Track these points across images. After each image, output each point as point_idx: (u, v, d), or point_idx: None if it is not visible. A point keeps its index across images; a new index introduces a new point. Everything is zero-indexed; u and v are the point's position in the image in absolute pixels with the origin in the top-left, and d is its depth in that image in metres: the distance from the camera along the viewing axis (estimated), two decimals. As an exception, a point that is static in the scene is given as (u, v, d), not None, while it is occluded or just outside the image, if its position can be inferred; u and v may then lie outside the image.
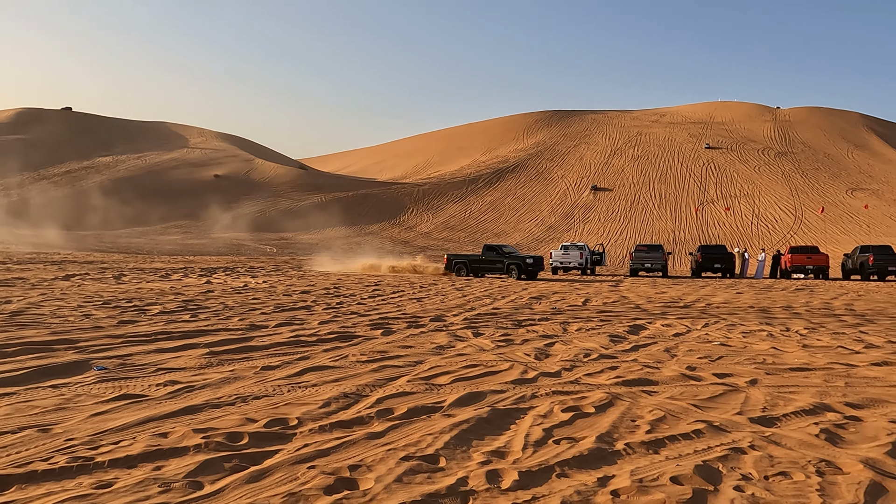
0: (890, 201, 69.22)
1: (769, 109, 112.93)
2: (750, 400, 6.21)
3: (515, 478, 3.98)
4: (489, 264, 27.95)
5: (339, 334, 9.81)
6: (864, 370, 7.93)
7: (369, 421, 5.18)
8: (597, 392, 6.30)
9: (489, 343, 9.36)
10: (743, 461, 4.41)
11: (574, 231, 67.00)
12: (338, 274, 27.06)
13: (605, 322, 12.40)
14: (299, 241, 56.31)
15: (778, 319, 13.57)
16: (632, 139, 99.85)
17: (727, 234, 61.99)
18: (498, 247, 29.86)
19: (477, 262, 28.34)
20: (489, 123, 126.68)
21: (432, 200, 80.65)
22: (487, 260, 28.07)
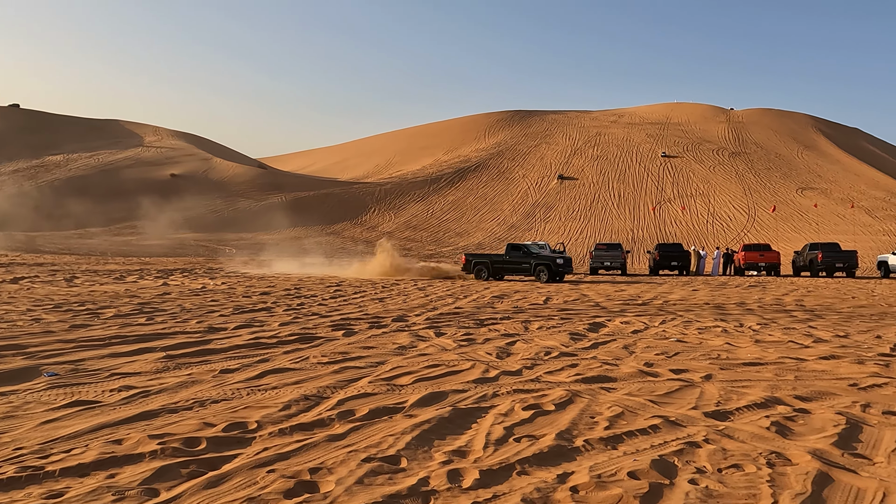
0: (837, 200, 71.73)
1: (723, 111, 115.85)
2: (705, 395, 6.37)
3: (476, 476, 4.01)
4: (514, 265, 25.72)
5: (300, 336, 9.71)
6: (812, 364, 8.21)
7: (330, 423, 5.15)
8: (557, 390, 6.38)
9: (451, 343, 9.39)
10: (697, 455, 4.52)
11: (535, 230, 67.63)
12: (300, 276, 26.34)
13: (565, 320, 12.56)
14: (260, 242, 55.50)
15: (732, 316, 13.94)
16: (591, 139, 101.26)
17: (684, 233, 63.38)
18: (524, 246, 27.62)
19: (500, 263, 25.96)
20: (450, 123, 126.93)
21: (394, 200, 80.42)
22: (512, 261, 25.80)
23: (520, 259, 25.65)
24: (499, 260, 26.11)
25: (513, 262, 25.72)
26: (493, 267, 25.82)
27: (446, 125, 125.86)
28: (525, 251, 26.37)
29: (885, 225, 61.96)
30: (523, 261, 25.49)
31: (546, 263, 25.07)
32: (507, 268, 25.82)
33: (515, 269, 25.74)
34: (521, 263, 25.51)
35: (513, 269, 25.77)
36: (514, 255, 26.00)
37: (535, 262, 25.20)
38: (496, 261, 26.10)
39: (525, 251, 26.37)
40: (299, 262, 32.66)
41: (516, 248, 26.82)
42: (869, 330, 11.81)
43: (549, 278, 24.70)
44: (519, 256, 25.81)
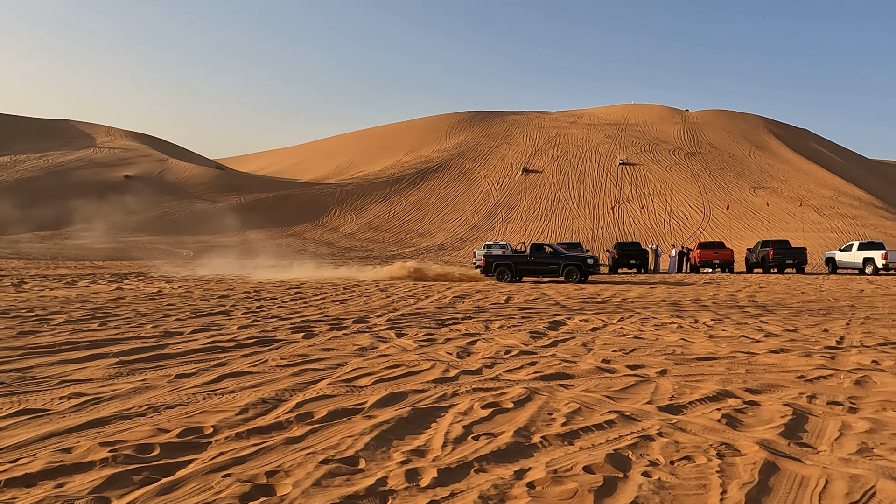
0: (788, 199, 74.02)
1: (679, 112, 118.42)
2: (659, 389, 6.51)
3: (434, 475, 4.02)
4: (540, 266, 24.35)
5: (259, 339, 9.59)
6: (763, 357, 8.46)
7: (288, 426, 5.10)
8: (516, 388, 6.44)
9: (412, 343, 9.39)
10: (651, 448, 4.63)
11: (497, 230, 68.05)
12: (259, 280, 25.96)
13: (526, 319, 12.68)
14: (218, 244, 54.53)
15: (687, 312, 14.26)
16: (551, 140, 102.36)
17: (642, 232, 64.59)
18: (549, 245, 26.08)
19: (524, 264, 24.54)
20: (412, 124, 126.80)
21: (356, 201, 79.98)
22: (538, 261, 24.42)
23: (547, 260, 24.39)
24: (523, 261, 24.70)
25: (539, 263, 24.43)
26: (517, 268, 24.49)
27: (407, 126, 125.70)
28: (553, 251, 25.07)
29: (832, 222, 64.19)
30: (551, 261, 24.27)
31: (577, 264, 24.07)
32: (534, 269, 24.53)
33: (542, 271, 24.45)
34: (548, 264, 24.25)
35: (540, 269, 24.45)
36: (539, 255, 24.69)
37: (565, 262, 24.14)
38: (520, 262, 24.69)
39: (553, 251, 25.07)
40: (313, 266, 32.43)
41: (541, 248, 25.28)
42: (817, 324, 12.23)
43: (578, 279, 23.82)
44: (546, 257, 24.52)
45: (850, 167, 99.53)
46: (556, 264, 24.05)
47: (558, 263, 24.02)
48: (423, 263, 29.31)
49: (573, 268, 23.86)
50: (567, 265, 23.92)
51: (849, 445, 4.73)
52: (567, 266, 23.89)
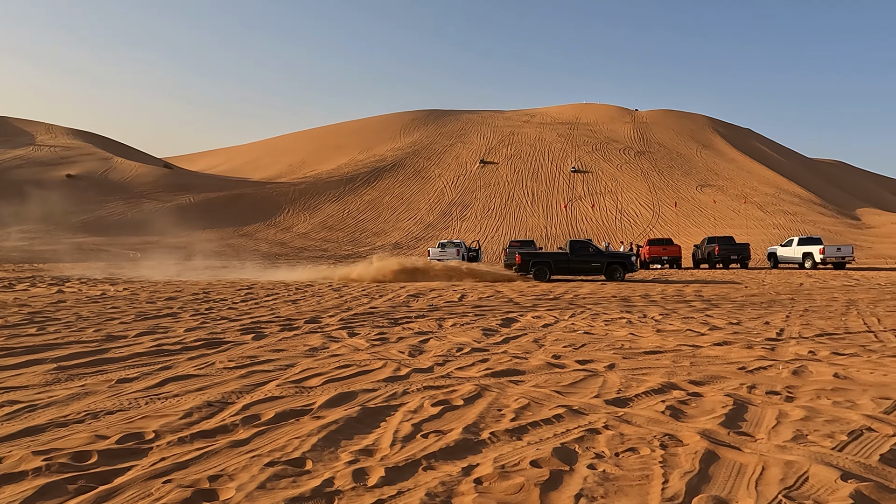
0: (733, 196, 76.37)
1: (628, 111, 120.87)
2: (607, 383, 6.63)
3: (382, 474, 4.00)
4: (581, 264, 23.47)
5: (207, 341, 9.37)
6: (707, 350, 8.70)
7: (234, 429, 5.00)
8: (466, 385, 6.46)
9: (364, 343, 9.33)
10: (597, 441, 4.70)
11: (452, 229, 68.22)
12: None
13: (479, 316, 12.73)
14: (166, 245, 53.12)
15: (637, 307, 14.57)
16: (505, 139, 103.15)
17: (594, 229, 65.70)
18: (590, 243, 24.72)
19: (564, 262, 23.58)
20: (365, 122, 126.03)
21: (309, 200, 79.04)
22: (579, 259, 23.48)
23: (588, 258, 23.56)
24: (562, 258, 23.78)
25: (579, 261, 23.57)
26: (557, 266, 23.63)
27: (361, 124, 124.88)
28: (595, 249, 24.14)
29: (774, 219, 66.53)
30: (593, 259, 23.52)
31: (621, 262, 23.56)
32: (574, 267, 23.69)
33: (583, 269, 23.67)
34: (589, 262, 23.48)
35: (581, 268, 23.66)
36: (580, 253, 23.72)
37: (609, 260, 23.54)
38: (560, 260, 23.78)
39: (595, 249, 24.14)
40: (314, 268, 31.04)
41: (583, 246, 24.16)
42: (759, 317, 12.65)
43: (621, 277, 23.29)
44: (587, 255, 23.65)
45: (791, 166, 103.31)
46: (599, 262, 23.46)
47: (601, 262, 23.46)
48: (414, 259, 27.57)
49: (617, 266, 23.37)
50: (611, 263, 23.40)
51: (785, 433, 4.90)
52: (611, 264, 23.39)
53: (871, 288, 20.49)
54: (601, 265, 23.35)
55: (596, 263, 23.38)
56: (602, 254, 23.94)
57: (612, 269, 23.31)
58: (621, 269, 23.38)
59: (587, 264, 23.47)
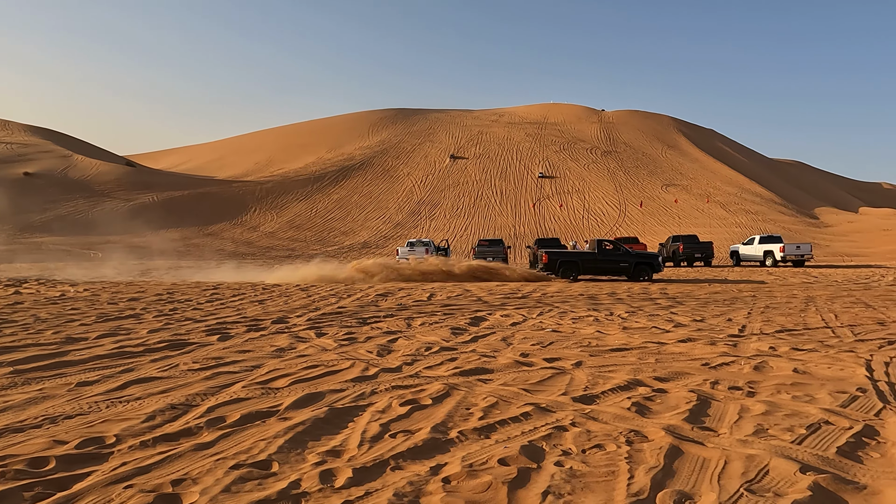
0: (697, 195, 77.80)
1: (595, 112, 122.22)
2: (574, 381, 6.69)
3: (349, 475, 3.97)
4: (609, 264, 23.14)
5: (171, 342, 9.20)
6: (672, 347, 8.85)
7: (198, 431, 4.91)
8: (435, 384, 6.46)
9: (332, 343, 9.26)
10: (564, 438, 4.74)
11: (421, 228, 68.15)
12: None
13: (448, 315, 12.74)
14: (129, 245, 51.99)
15: (604, 305, 14.74)
16: (473, 138, 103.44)
17: (562, 228, 66.28)
18: (618, 243, 24.52)
19: (592, 262, 23.22)
20: (333, 120, 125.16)
21: (276, 199, 78.17)
22: (607, 259, 23.14)
23: (617, 258, 23.25)
24: (590, 258, 23.36)
25: (608, 261, 23.23)
26: (584, 265, 23.30)
27: (328, 122, 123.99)
28: (623, 250, 23.77)
29: (737, 218, 67.96)
30: (621, 259, 23.18)
31: (649, 262, 23.29)
32: (602, 266, 23.36)
33: (611, 269, 23.36)
34: (618, 262, 23.14)
35: (609, 268, 23.34)
36: (607, 253, 23.41)
37: (636, 260, 23.17)
38: (587, 259, 23.40)
39: (623, 250, 23.77)
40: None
41: (613, 246, 23.89)
42: (722, 314, 12.91)
43: (648, 278, 23.08)
44: (616, 255, 23.35)
45: (752, 166, 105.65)
46: (627, 262, 23.10)
47: (629, 262, 23.10)
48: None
49: (645, 266, 23.10)
50: (639, 263, 23.10)
51: (746, 427, 5.01)
52: (639, 264, 23.08)
53: (828, 285, 21.08)
54: (629, 265, 23.04)
55: (624, 264, 23.09)
56: (630, 254, 23.57)
57: (640, 269, 22.99)
58: (649, 270, 23.12)
59: (615, 264, 23.18)
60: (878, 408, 5.60)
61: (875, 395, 6.06)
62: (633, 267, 22.94)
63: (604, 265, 23.28)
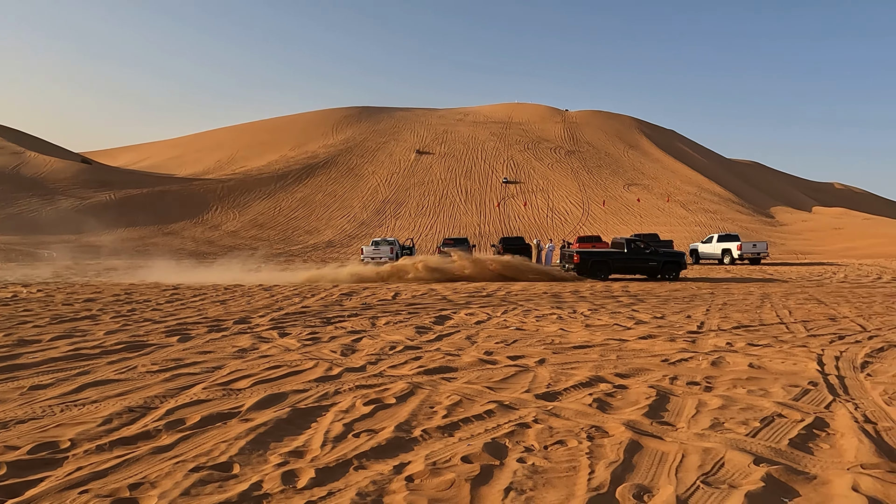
0: (658, 195, 79.22)
1: (559, 112, 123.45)
2: (537, 378, 6.76)
3: (312, 475, 3.95)
4: (639, 262, 23.08)
5: (129, 344, 8.99)
6: (633, 343, 9.00)
7: (156, 434, 4.82)
8: (399, 383, 6.45)
9: (295, 343, 9.17)
10: (527, 435, 4.79)
11: (386, 226, 67.91)
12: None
13: (412, 314, 12.73)
14: (86, 244, 50.62)
15: (567, 303, 14.91)
16: (438, 137, 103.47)
17: (526, 227, 66.76)
18: (645, 241, 24.33)
19: (622, 261, 23.12)
20: (297, 118, 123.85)
21: (238, 197, 76.99)
22: (636, 258, 23.07)
23: (646, 257, 23.24)
24: (620, 258, 23.28)
25: (636, 260, 23.21)
26: (614, 265, 23.21)
27: (291, 120, 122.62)
28: (651, 249, 23.85)
29: (696, 217, 69.42)
30: (650, 258, 23.21)
31: (676, 261, 23.39)
32: (631, 266, 23.34)
33: (640, 268, 23.32)
34: (647, 261, 23.16)
35: (637, 267, 23.30)
36: (637, 252, 23.42)
37: (664, 259, 23.30)
38: (617, 258, 23.29)
39: (651, 249, 23.85)
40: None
41: (641, 245, 23.90)
42: (681, 311, 13.18)
43: (676, 276, 23.21)
44: (645, 254, 23.36)
45: (711, 166, 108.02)
46: (656, 261, 23.20)
47: (658, 260, 23.21)
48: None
49: (672, 264, 23.25)
50: (667, 262, 23.25)
51: (703, 421, 5.13)
52: (667, 263, 23.24)
53: (783, 282, 21.70)
54: (658, 264, 23.18)
55: (653, 262, 23.20)
56: (657, 253, 23.63)
57: (669, 267, 23.16)
58: (676, 268, 23.29)
59: (645, 263, 23.23)
60: (828, 400, 5.80)
61: (825, 388, 6.27)
62: (662, 265, 23.13)
63: (634, 264, 23.28)
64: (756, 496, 3.67)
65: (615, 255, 23.35)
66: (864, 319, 11.56)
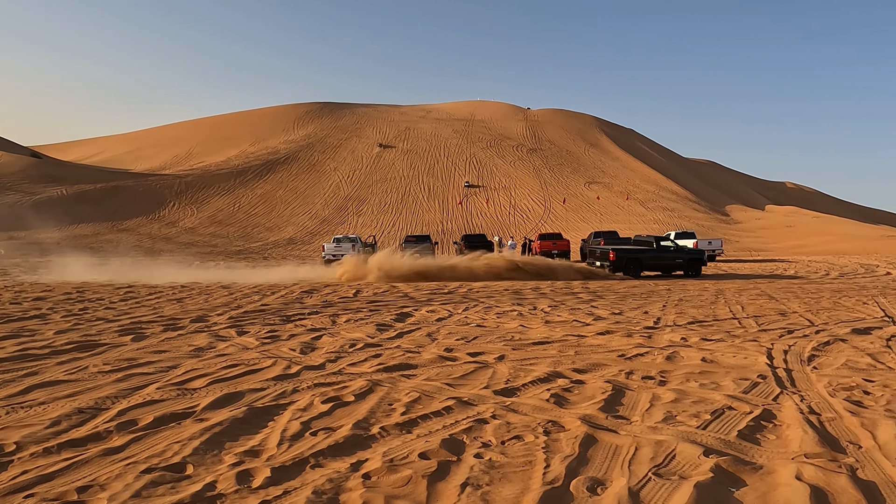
0: (617, 193, 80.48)
1: (521, 110, 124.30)
2: (497, 374, 6.81)
3: (268, 475, 3.91)
4: (668, 260, 23.82)
5: (80, 344, 8.75)
6: (591, 339, 9.14)
7: (107, 436, 4.71)
8: (358, 380, 6.43)
9: (254, 341, 9.05)
10: (485, 430, 4.83)
11: (348, 224, 67.44)
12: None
13: (374, 312, 12.69)
14: (37, 241, 48.99)
15: (528, 300, 15.04)
16: (401, 133, 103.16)
17: (489, 224, 67.09)
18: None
19: (654, 259, 23.79)
20: (256, 113, 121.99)
21: (197, 193, 75.48)
22: (665, 256, 23.79)
23: (673, 255, 24.05)
24: (651, 255, 23.96)
25: (665, 258, 23.95)
26: (646, 262, 23.82)
27: (251, 115, 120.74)
28: (677, 246, 24.64)
29: (654, 214, 70.75)
30: (677, 256, 24.01)
31: (699, 258, 24.31)
32: (661, 263, 23.99)
33: (669, 265, 24.05)
34: (675, 259, 23.95)
35: (666, 264, 24.03)
36: (663, 250, 24.22)
37: (689, 257, 24.13)
38: (648, 256, 23.93)
39: (677, 246, 24.64)
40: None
41: (669, 243, 24.78)
42: (639, 307, 13.43)
43: (697, 273, 24.03)
44: (671, 252, 24.16)
45: (669, 165, 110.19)
46: (682, 259, 24.01)
47: (683, 258, 24.03)
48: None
49: (696, 261, 24.10)
50: (691, 259, 24.11)
51: (657, 415, 5.25)
52: (691, 260, 24.07)
53: (736, 278, 22.29)
54: (683, 261, 24.02)
55: (679, 260, 24.02)
56: (682, 250, 24.55)
57: (693, 264, 24.00)
58: (699, 265, 24.17)
59: (672, 260, 24.03)
60: (776, 393, 5.99)
61: (774, 381, 6.47)
62: (686, 262, 24.02)
63: (663, 261, 24.02)
64: (704, 486, 3.77)
65: (647, 252, 24.16)
66: (813, 314, 11.96)
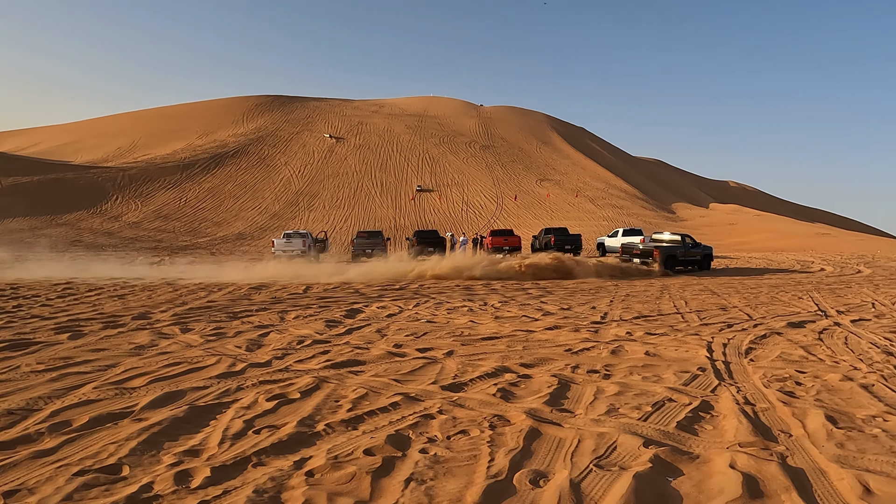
0: (568, 190, 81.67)
1: (474, 106, 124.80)
2: (445, 370, 6.83)
3: (207, 474, 3.83)
4: (692, 256, 25.62)
5: (12, 342, 8.38)
6: (539, 334, 9.25)
7: (38, 438, 4.52)
8: (305, 377, 6.35)
9: (198, 338, 8.84)
10: (431, 426, 4.84)
11: (300, 219, 66.52)
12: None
13: (323, 308, 12.55)
14: (-34, 236, 46.65)
15: (479, 295, 15.13)
16: (353, 128, 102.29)
17: (442, 220, 67.18)
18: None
19: (684, 255, 25.52)
20: (204, 105, 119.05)
21: (141, 187, 73.19)
22: (691, 251, 25.61)
23: (695, 251, 25.94)
24: (682, 252, 25.70)
25: (692, 254, 25.78)
26: (679, 260, 25.53)
27: (199, 107, 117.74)
28: (694, 243, 26.46)
29: (604, 212, 72.12)
30: (696, 252, 25.93)
31: (709, 254, 26.43)
32: (687, 259, 25.71)
33: (691, 261, 25.74)
34: (696, 255, 25.83)
35: (690, 260, 25.74)
36: (689, 247, 25.95)
37: (704, 253, 26.11)
38: (680, 253, 25.64)
39: (694, 243, 26.46)
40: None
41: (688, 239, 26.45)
42: (587, 302, 13.67)
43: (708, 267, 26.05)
44: (694, 249, 26.01)
45: (618, 163, 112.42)
46: (700, 255, 25.98)
47: (700, 254, 26.03)
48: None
49: (708, 257, 26.20)
50: (705, 255, 26.13)
51: (600, 408, 5.35)
52: (705, 256, 26.08)
53: (684, 275, 22.91)
54: (700, 257, 26.03)
55: (697, 257, 26.01)
56: (699, 247, 26.58)
57: (707, 259, 26.17)
58: (709, 261, 26.43)
59: (697, 256, 26.08)
60: (714, 385, 6.18)
61: (713, 373, 6.68)
62: (703, 258, 26.19)
63: (689, 258, 25.92)
64: (643, 476, 3.87)
65: (679, 249, 26.17)
66: (751, 309, 12.39)
